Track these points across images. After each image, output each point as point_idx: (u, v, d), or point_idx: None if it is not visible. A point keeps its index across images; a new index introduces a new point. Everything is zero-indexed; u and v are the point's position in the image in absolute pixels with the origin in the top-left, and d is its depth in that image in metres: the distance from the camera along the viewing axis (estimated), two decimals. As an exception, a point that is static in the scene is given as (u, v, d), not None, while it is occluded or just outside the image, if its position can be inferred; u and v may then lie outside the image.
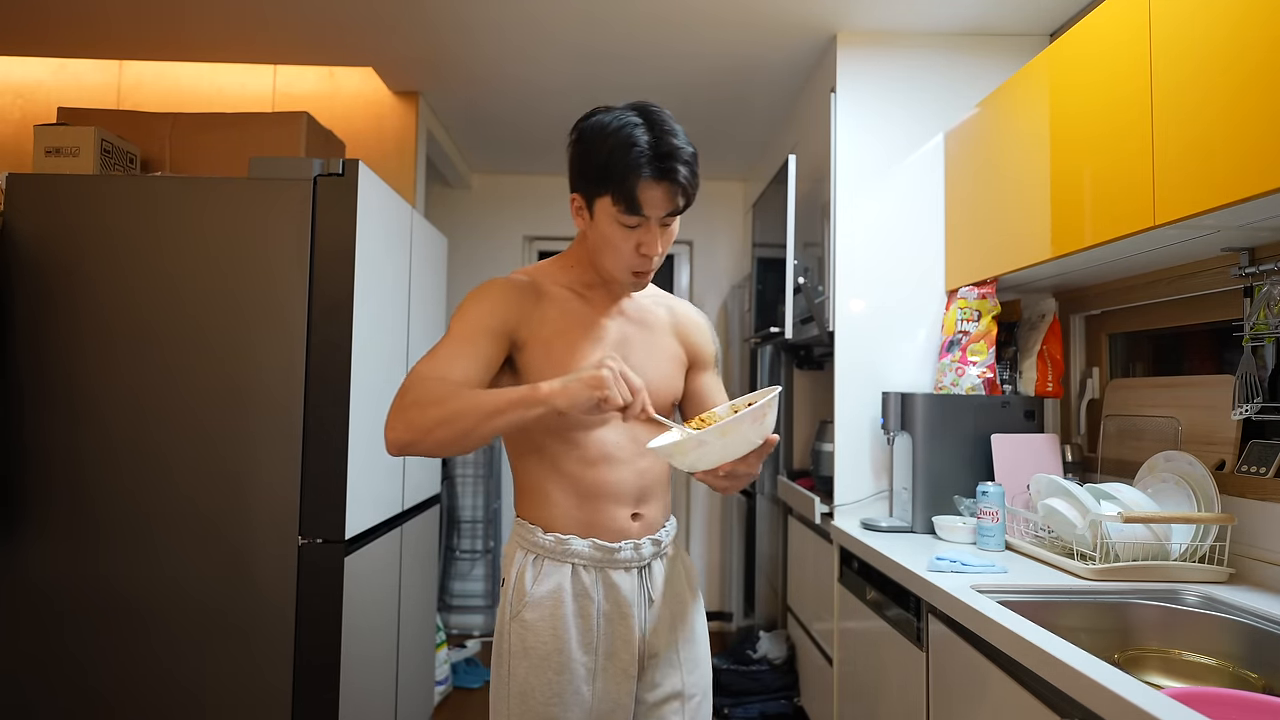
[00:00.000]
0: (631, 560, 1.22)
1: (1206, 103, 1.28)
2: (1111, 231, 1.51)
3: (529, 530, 1.22)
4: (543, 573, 1.19)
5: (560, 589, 1.19)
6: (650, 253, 1.16)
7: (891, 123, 2.35)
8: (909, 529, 2.05)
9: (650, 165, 1.09)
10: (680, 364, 1.31)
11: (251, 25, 2.44)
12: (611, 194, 1.11)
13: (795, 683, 2.71)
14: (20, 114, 2.77)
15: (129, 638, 1.75)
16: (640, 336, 1.27)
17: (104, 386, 1.77)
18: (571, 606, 1.19)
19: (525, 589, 1.19)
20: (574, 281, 1.25)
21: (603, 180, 1.12)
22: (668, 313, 1.34)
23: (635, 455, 1.22)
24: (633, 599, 1.21)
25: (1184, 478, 1.62)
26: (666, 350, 1.30)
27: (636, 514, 1.23)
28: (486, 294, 1.19)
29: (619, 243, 1.16)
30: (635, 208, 1.11)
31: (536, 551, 1.20)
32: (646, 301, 1.33)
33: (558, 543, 1.19)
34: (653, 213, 1.13)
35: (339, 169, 1.82)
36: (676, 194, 1.13)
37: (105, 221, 1.79)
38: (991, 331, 2.11)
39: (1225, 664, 1.31)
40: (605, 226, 1.15)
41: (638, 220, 1.13)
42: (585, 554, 1.20)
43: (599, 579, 1.20)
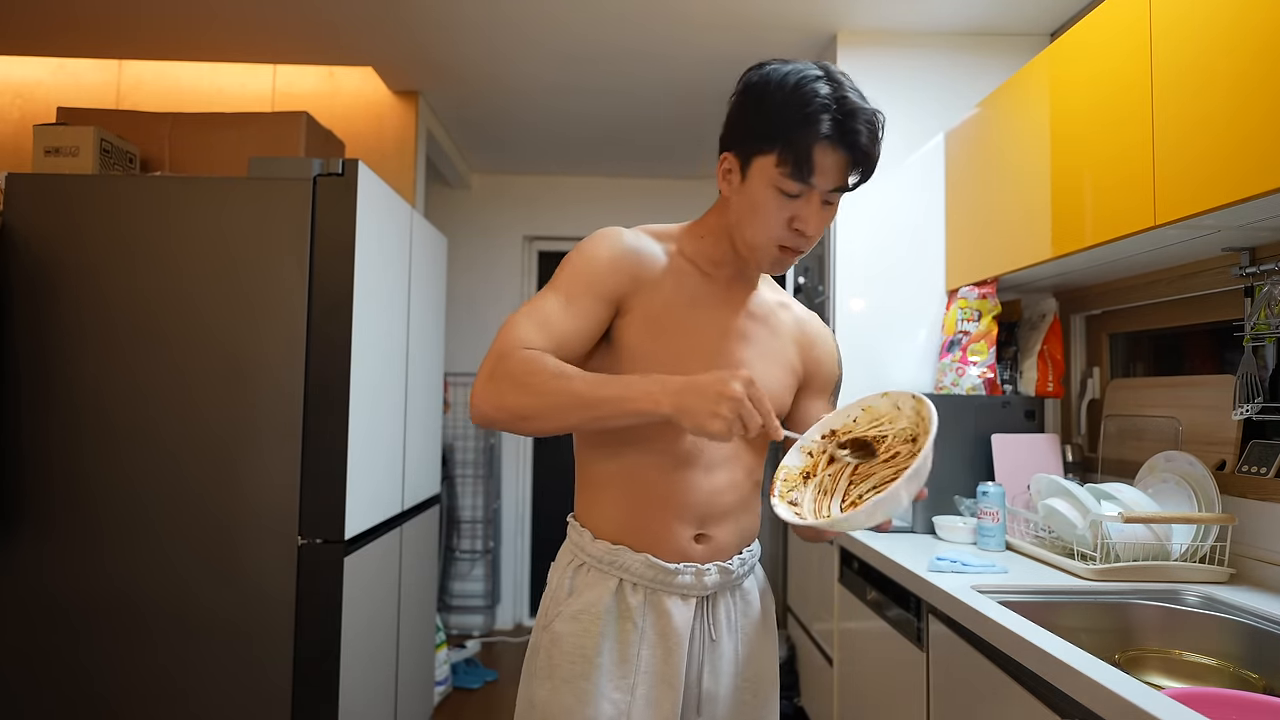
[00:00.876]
0: (691, 588, 1.04)
1: (1207, 102, 1.28)
2: (1112, 231, 1.50)
3: (580, 534, 1.08)
4: (585, 583, 1.05)
5: (600, 604, 1.02)
6: (806, 230, 0.99)
7: (892, 122, 2.34)
8: (909, 529, 2.05)
9: (831, 123, 0.93)
10: (795, 378, 1.15)
11: (251, 25, 2.44)
12: (779, 152, 0.95)
13: (795, 683, 2.71)
14: (19, 114, 2.76)
15: (128, 638, 1.74)
16: (762, 336, 1.11)
17: (103, 386, 1.77)
18: (610, 626, 1.02)
19: (562, 598, 1.05)
20: (700, 255, 1.08)
21: (770, 135, 0.95)
22: (793, 319, 1.17)
23: (711, 464, 1.05)
24: (685, 633, 1.03)
25: (1184, 478, 1.61)
26: (785, 359, 1.13)
27: (702, 535, 1.05)
28: (603, 246, 1.03)
29: (772, 212, 0.98)
30: (805, 171, 0.94)
31: (583, 559, 1.06)
32: (773, 299, 1.16)
33: (606, 551, 1.04)
34: (822, 182, 0.96)
35: (339, 169, 1.81)
36: (853, 165, 0.97)
37: (105, 221, 1.79)
38: (992, 331, 2.10)
39: (1226, 664, 1.31)
40: (759, 191, 0.98)
41: (801, 188, 0.96)
42: (636, 570, 1.03)
43: (648, 602, 1.04)
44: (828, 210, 1.00)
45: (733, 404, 0.83)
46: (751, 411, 0.84)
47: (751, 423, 0.84)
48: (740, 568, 1.09)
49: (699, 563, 1.05)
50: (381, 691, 2.09)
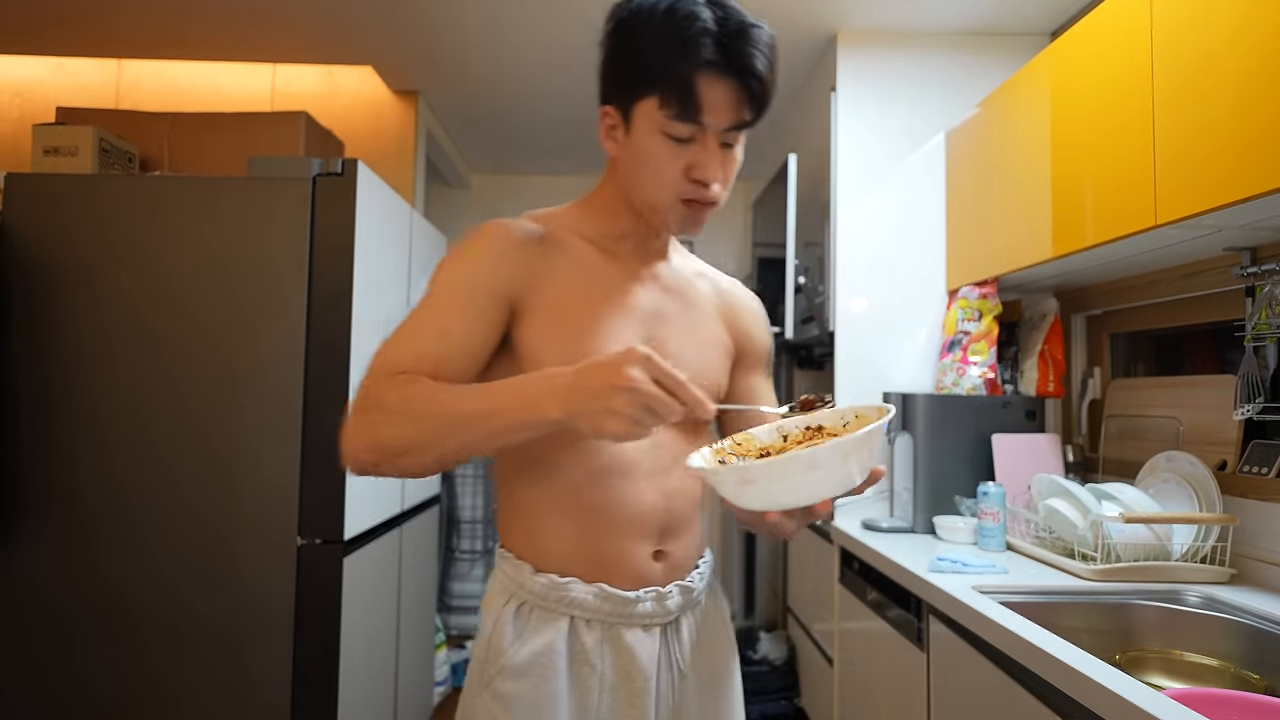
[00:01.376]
0: (654, 616, 0.91)
1: (1208, 101, 1.27)
2: (1113, 231, 1.50)
3: (516, 567, 0.91)
4: (529, 628, 0.88)
5: (551, 651, 0.87)
6: (706, 177, 0.85)
7: (892, 122, 2.34)
8: (910, 529, 2.04)
9: (716, 48, 0.80)
10: (726, 354, 1.02)
11: (250, 24, 2.43)
12: (659, 92, 0.82)
13: (796, 683, 2.71)
14: (19, 113, 2.76)
15: (127, 639, 1.74)
16: (679, 312, 0.97)
17: (102, 386, 1.76)
18: (565, 677, 0.88)
19: (503, 648, 0.88)
20: (598, 232, 0.95)
21: (647, 74, 0.83)
22: (713, 290, 1.05)
23: (662, 467, 0.92)
24: (651, 669, 0.91)
25: (1185, 478, 1.61)
26: (710, 335, 1.00)
27: (660, 551, 0.92)
28: (483, 242, 0.89)
29: (664, 163, 0.85)
30: (691, 109, 0.81)
31: (523, 598, 0.90)
32: (688, 271, 1.03)
33: (552, 587, 0.89)
34: (713, 120, 0.83)
35: (338, 168, 1.81)
36: (747, 97, 0.83)
37: (104, 221, 1.79)
38: (993, 331, 2.10)
39: (1227, 665, 1.31)
40: (646, 141, 0.85)
41: (691, 130, 0.83)
42: (589, 605, 0.89)
43: (606, 640, 0.90)
44: (729, 155, 0.88)
45: (630, 395, 0.68)
46: (659, 396, 0.69)
47: (664, 408, 0.69)
48: (699, 582, 0.97)
49: (659, 585, 0.92)
50: (381, 692, 2.09)
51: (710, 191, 0.87)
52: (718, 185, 0.87)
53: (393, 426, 0.78)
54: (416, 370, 0.82)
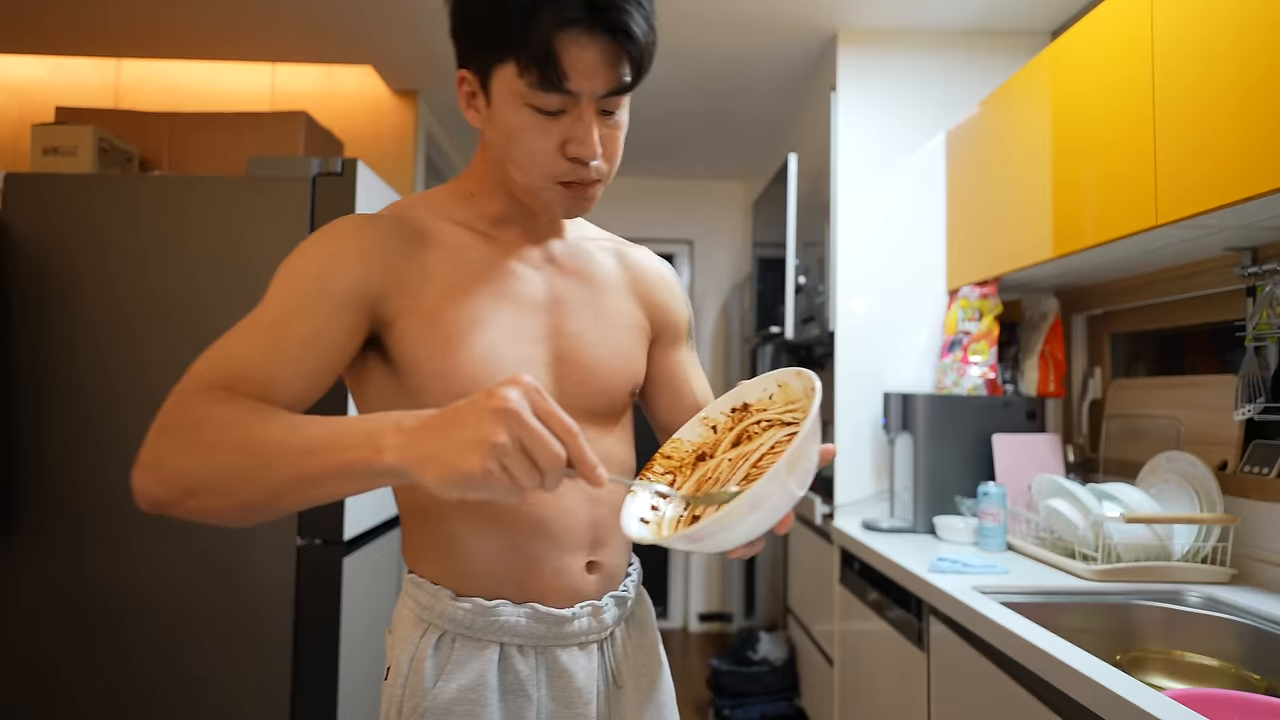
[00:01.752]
0: (590, 633, 0.83)
1: (1209, 101, 1.27)
2: (1114, 231, 1.50)
3: (431, 594, 0.80)
4: (454, 660, 0.78)
5: (482, 685, 0.77)
6: (583, 154, 0.73)
7: (892, 122, 2.34)
8: (910, 529, 2.04)
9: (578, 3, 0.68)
10: (642, 335, 0.91)
11: (250, 24, 2.43)
12: (516, 57, 0.70)
13: (796, 684, 2.70)
14: (18, 113, 2.76)
15: (127, 639, 1.74)
16: (582, 294, 0.86)
17: (102, 386, 1.76)
18: (499, 713, 0.78)
19: (424, 687, 0.77)
20: (477, 216, 0.83)
21: (501, 34, 0.69)
22: (618, 263, 0.92)
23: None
24: (591, 691, 0.82)
25: (1186, 478, 1.61)
26: (621, 316, 0.89)
27: (593, 562, 0.84)
28: (332, 240, 0.76)
29: (534, 139, 0.73)
30: (554, 77, 0.69)
31: (444, 627, 0.79)
32: (588, 245, 0.91)
33: (478, 612, 0.78)
34: (582, 86, 0.71)
35: (338, 168, 1.81)
36: (623, 57, 0.71)
37: (103, 221, 1.79)
38: (993, 331, 2.10)
39: (1228, 665, 1.31)
40: (510, 114, 0.73)
41: (559, 101, 0.71)
42: (521, 629, 0.79)
43: (541, 665, 0.81)
44: (611, 123, 0.76)
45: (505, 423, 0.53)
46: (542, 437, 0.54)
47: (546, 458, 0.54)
48: (632, 590, 0.89)
49: (594, 598, 0.83)
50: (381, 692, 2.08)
51: (590, 170, 0.75)
52: (600, 162, 0.76)
53: (180, 454, 0.62)
54: (239, 388, 0.67)
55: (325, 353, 0.72)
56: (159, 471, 0.62)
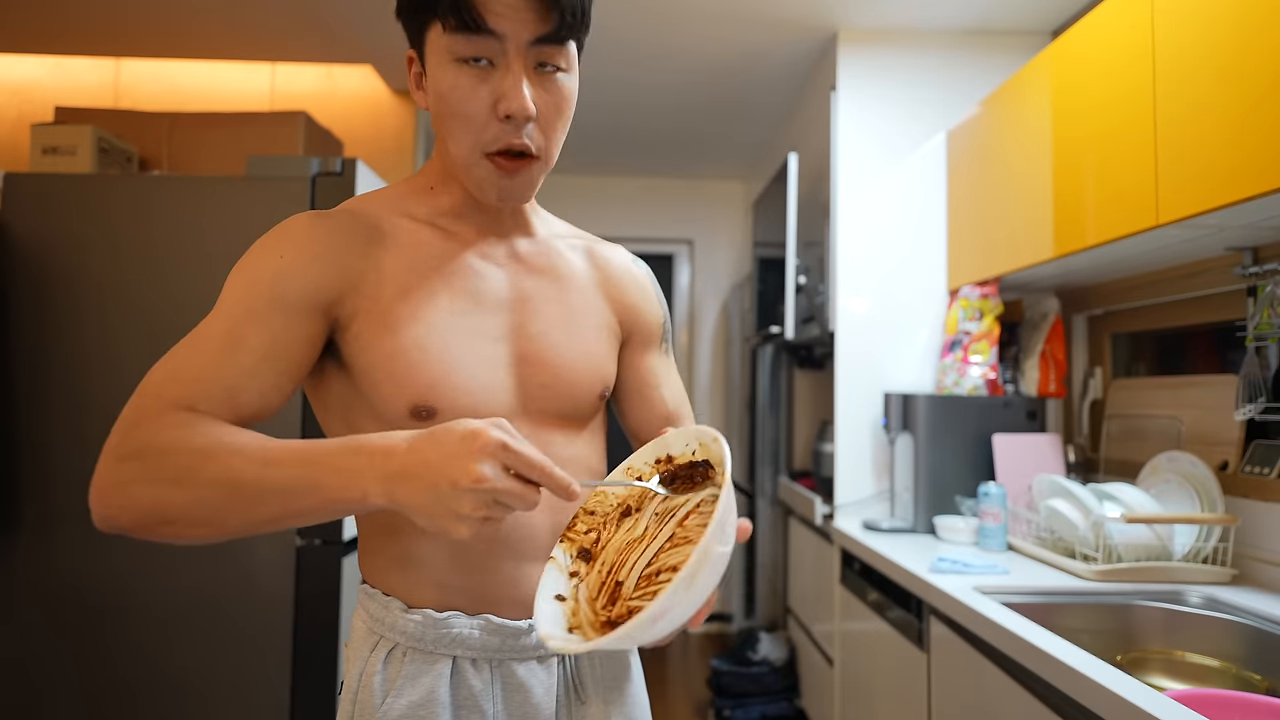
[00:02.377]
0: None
1: (1210, 100, 1.27)
2: (1114, 231, 1.50)
3: (383, 605, 0.77)
4: (404, 674, 0.75)
5: (432, 702, 0.74)
6: (513, 109, 0.69)
7: (893, 121, 2.34)
8: (910, 530, 2.04)
9: None
10: (612, 336, 0.87)
11: (249, 24, 2.43)
12: (439, 12, 0.68)
13: (796, 684, 2.70)
14: (17, 113, 2.76)
15: (128, 638, 1.74)
16: (548, 293, 0.82)
17: (102, 385, 1.76)
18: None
19: (373, 703, 0.74)
20: (434, 211, 0.80)
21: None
22: (588, 261, 0.88)
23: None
24: (549, 704, 0.78)
25: (1187, 478, 1.61)
26: (590, 316, 0.85)
27: None
28: (285, 241, 0.72)
29: (462, 98, 0.70)
30: (470, 16, 0.67)
31: (395, 640, 0.76)
32: (557, 243, 0.87)
33: (429, 625, 0.75)
34: (503, 24, 0.67)
35: (337, 168, 1.81)
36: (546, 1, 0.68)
37: (102, 221, 1.79)
38: (994, 331, 2.10)
39: (1228, 666, 1.30)
40: (440, 75, 0.71)
41: (483, 43, 0.68)
42: (474, 641, 0.76)
43: (496, 679, 0.77)
44: (551, 84, 0.72)
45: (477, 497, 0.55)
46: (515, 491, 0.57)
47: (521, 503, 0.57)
48: None
49: None
50: (381, 692, 2.08)
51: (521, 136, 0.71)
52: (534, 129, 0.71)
53: (154, 488, 0.61)
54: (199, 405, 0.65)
55: (283, 364, 0.69)
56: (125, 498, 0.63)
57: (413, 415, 0.72)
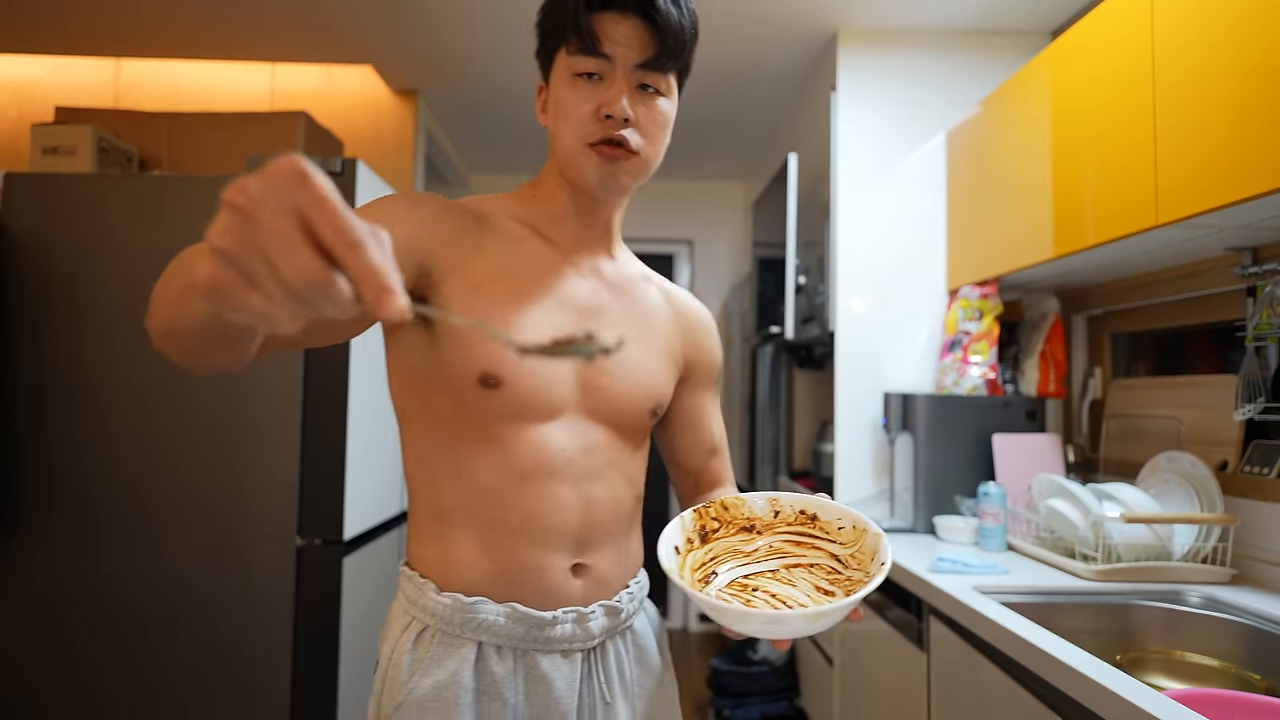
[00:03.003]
0: (573, 640, 0.82)
1: (1209, 101, 1.27)
2: (1114, 231, 1.50)
3: (418, 587, 0.81)
4: (431, 656, 0.79)
5: (456, 683, 0.77)
6: (614, 111, 0.80)
7: (893, 121, 2.34)
8: (910, 529, 2.04)
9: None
10: (674, 365, 0.95)
11: (250, 24, 2.43)
12: (566, 38, 0.81)
13: (796, 684, 2.70)
14: (17, 113, 2.76)
15: (127, 637, 1.74)
16: (622, 310, 0.90)
17: (102, 385, 1.76)
18: (472, 713, 0.78)
19: (401, 680, 0.79)
20: (537, 215, 0.89)
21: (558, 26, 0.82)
22: (663, 299, 0.97)
23: (583, 474, 0.83)
24: (570, 702, 0.81)
25: (1186, 478, 1.61)
26: (657, 340, 0.92)
27: (581, 565, 0.84)
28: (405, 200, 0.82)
29: (574, 103, 0.81)
30: (589, 42, 0.79)
31: (426, 622, 0.80)
32: (635, 272, 0.96)
33: (456, 609, 0.79)
34: (614, 50, 0.80)
35: (337, 168, 1.81)
36: (652, 32, 0.81)
37: (103, 221, 1.79)
38: (993, 331, 2.10)
39: (1228, 665, 1.31)
40: (561, 89, 0.83)
41: (597, 64, 0.80)
42: (499, 628, 0.79)
43: (520, 668, 0.80)
44: (650, 101, 0.82)
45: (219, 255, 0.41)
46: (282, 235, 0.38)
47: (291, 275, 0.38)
48: (630, 604, 0.88)
49: (580, 605, 0.83)
50: (381, 692, 2.08)
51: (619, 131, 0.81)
52: (633, 132, 0.82)
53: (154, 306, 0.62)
54: None
55: None
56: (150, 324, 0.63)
57: (481, 382, 0.79)
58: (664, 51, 0.81)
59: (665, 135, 0.86)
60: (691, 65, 0.88)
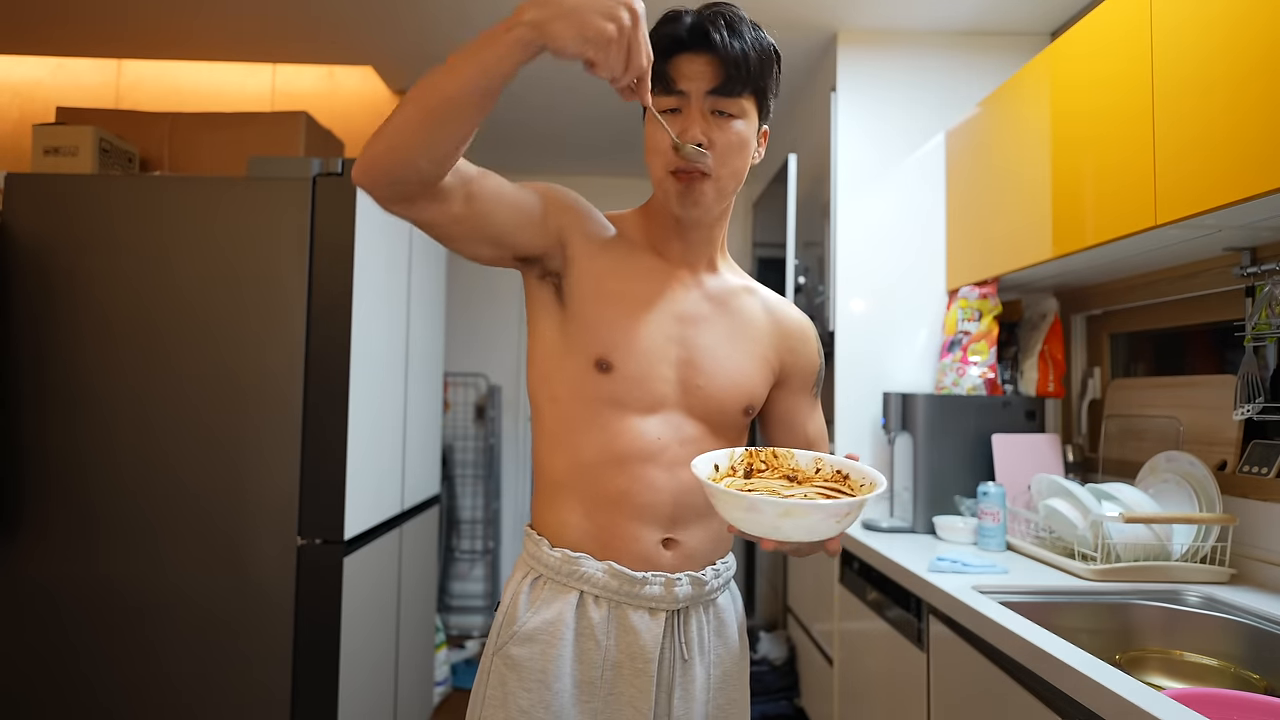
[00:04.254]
0: (660, 600, 0.95)
1: (1208, 101, 1.27)
2: (1113, 231, 1.50)
3: (536, 542, 0.99)
4: (542, 598, 0.95)
5: (560, 621, 0.94)
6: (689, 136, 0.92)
7: (892, 122, 2.34)
8: (910, 529, 2.04)
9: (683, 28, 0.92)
10: (769, 370, 1.05)
11: (250, 24, 2.43)
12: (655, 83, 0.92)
13: (796, 683, 2.70)
14: (19, 113, 2.76)
15: (128, 638, 1.74)
16: (718, 319, 1.02)
17: (103, 386, 1.76)
18: (571, 648, 0.94)
19: (517, 615, 0.95)
20: (649, 234, 1.03)
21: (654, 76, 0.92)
22: (763, 309, 1.07)
23: (677, 460, 0.96)
24: (654, 652, 0.95)
25: (1185, 478, 1.61)
26: (754, 348, 1.04)
27: (671, 540, 0.97)
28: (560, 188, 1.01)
29: (656, 137, 0.94)
30: (666, 80, 0.92)
31: (540, 570, 0.97)
32: (736, 283, 1.07)
33: (565, 561, 0.95)
34: (689, 85, 0.92)
35: (338, 168, 1.81)
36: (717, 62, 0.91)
37: (104, 221, 1.79)
38: (993, 331, 2.10)
39: (1227, 665, 1.31)
40: (651, 128, 0.96)
41: (675, 101, 0.93)
42: (598, 581, 0.94)
43: (613, 617, 0.95)
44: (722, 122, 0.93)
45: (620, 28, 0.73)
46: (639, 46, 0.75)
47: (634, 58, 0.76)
48: (714, 580, 1.01)
49: (668, 571, 0.96)
50: (381, 691, 2.09)
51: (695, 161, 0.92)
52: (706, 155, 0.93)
53: (387, 124, 0.79)
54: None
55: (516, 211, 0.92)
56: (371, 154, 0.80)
57: (596, 365, 0.94)
58: (729, 78, 0.91)
59: (741, 153, 0.96)
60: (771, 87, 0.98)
